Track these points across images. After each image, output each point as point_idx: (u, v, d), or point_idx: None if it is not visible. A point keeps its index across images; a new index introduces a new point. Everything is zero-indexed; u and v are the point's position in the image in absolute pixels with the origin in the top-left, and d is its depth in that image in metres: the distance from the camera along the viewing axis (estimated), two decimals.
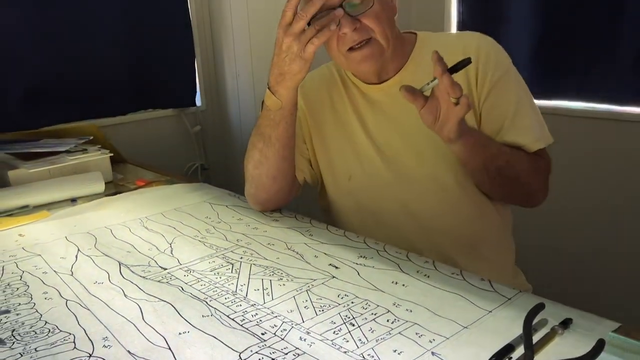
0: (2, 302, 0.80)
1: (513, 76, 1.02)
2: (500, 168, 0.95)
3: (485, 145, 0.93)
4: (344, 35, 0.94)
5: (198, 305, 0.76)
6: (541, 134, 1.01)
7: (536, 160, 1.01)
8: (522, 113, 0.99)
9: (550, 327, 0.65)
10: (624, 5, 1.56)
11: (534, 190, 1.02)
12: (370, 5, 0.94)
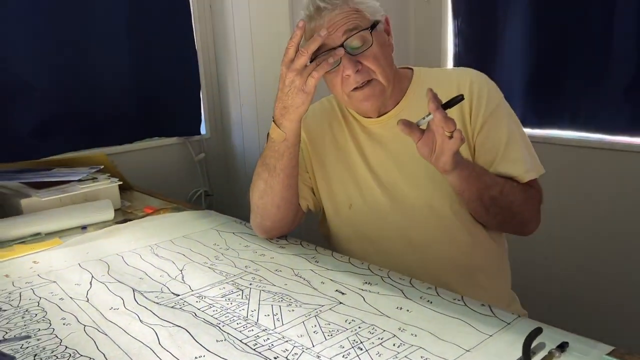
0: (22, 327, 0.83)
1: (504, 110, 1.07)
2: (494, 198, 0.99)
3: (480, 176, 0.98)
4: (348, 77, 1.00)
5: (211, 330, 0.79)
6: (532, 165, 1.06)
7: (528, 190, 1.05)
8: (513, 145, 1.04)
9: (548, 350, 0.69)
10: (613, 38, 1.63)
11: (526, 219, 1.06)
12: (369, 45, 1.00)
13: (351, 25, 0.99)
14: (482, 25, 1.92)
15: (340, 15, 0.99)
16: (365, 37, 1.00)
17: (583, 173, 1.74)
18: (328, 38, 0.98)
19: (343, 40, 0.99)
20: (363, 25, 1.00)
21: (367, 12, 1.02)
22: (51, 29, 1.62)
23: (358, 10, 1.01)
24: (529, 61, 1.82)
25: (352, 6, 1.00)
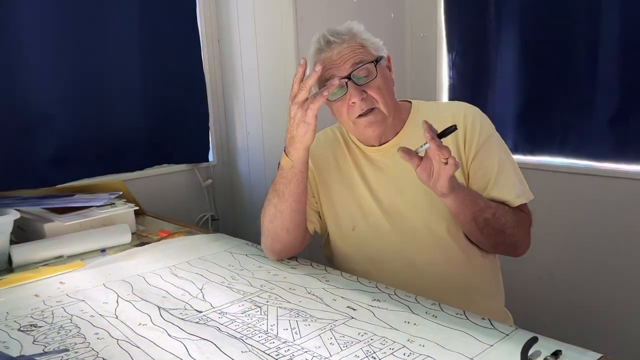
0: (59, 342, 0.89)
1: (496, 141, 1.17)
2: (488, 220, 1.07)
3: (474, 199, 1.06)
4: (354, 104, 1.10)
5: (236, 343, 0.86)
6: (522, 191, 1.15)
7: (519, 214, 1.14)
8: (504, 173, 1.13)
9: (543, 357, 0.77)
10: (598, 74, 1.75)
11: (518, 241, 1.14)
12: (373, 77, 1.11)
13: (357, 58, 1.10)
14: (475, 59, 2.04)
15: (348, 49, 1.10)
16: (370, 69, 1.10)
17: (572, 196, 1.84)
18: (336, 69, 1.09)
19: (350, 72, 1.09)
20: (368, 59, 1.11)
21: (371, 48, 1.13)
22: (69, 63, 1.70)
23: (363, 46, 1.12)
24: (520, 93, 1.93)
25: (358, 41, 1.11)
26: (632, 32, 1.66)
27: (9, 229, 1.25)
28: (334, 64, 1.11)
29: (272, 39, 1.87)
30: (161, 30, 1.88)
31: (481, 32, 2.00)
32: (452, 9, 2.09)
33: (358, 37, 1.12)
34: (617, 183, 1.75)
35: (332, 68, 1.11)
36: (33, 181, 1.59)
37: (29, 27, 1.62)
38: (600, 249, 1.81)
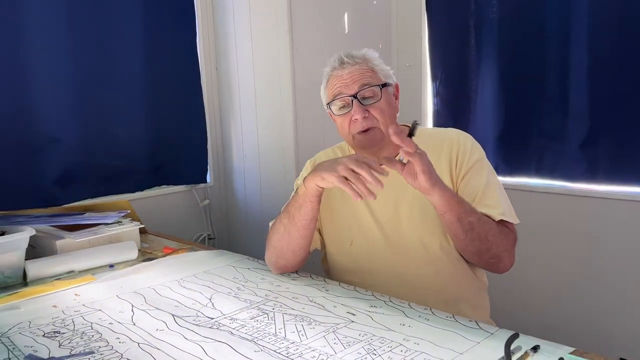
0: (84, 346, 0.97)
1: (485, 164, 1.27)
2: (472, 223, 1.14)
3: (460, 201, 1.14)
4: (356, 120, 1.21)
5: (249, 344, 0.95)
6: (505, 211, 1.22)
7: (502, 227, 1.21)
8: (489, 192, 1.22)
9: (524, 351, 0.87)
10: (569, 103, 1.90)
11: (500, 252, 1.20)
12: (377, 99, 1.22)
13: (365, 80, 1.21)
14: (458, 87, 2.18)
15: (359, 71, 1.22)
16: (375, 91, 1.21)
17: (547, 214, 1.97)
18: (345, 87, 1.21)
19: (357, 91, 1.21)
20: (375, 82, 1.22)
21: (380, 74, 1.24)
22: (75, 90, 1.80)
23: (373, 70, 1.23)
24: (499, 119, 2.07)
25: (370, 66, 1.23)
26: (600, 65, 1.82)
27: (25, 245, 1.32)
28: (344, 82, 1.22)
29: (269, 67, 1.99)
30: (163, 58, 1.99)
31: (463, 62, 2.15)
32: (435, 41, 2.24)
33: (370, 62, 1.24)
34: (589, 202, 1.88)
35: (341, 85, 1.22)
36: (40, 201, 1.66)
37: (37, 55, 1.71)
38: (574, 262, 1.94)
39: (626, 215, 1.82)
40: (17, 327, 1.06)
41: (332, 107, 1.25)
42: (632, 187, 1.82)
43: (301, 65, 1.91)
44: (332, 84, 1.24)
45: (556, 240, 1.97)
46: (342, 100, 1.23)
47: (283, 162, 1.99)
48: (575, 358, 0.85)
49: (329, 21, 2.02)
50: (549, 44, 1.93)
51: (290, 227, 1.23)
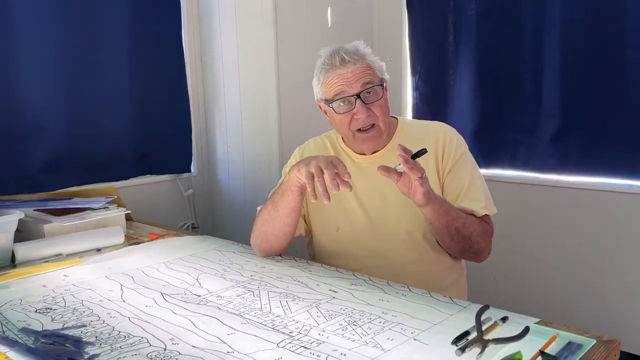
0: (76, 320, 1.00)
1: (469, 158, 1.34)
2: (458, 228, 1.22)
3: (447, 210, 1.21)
4: (358, 118, 1.26)
5: (236, 318, 1.00)
6: (487, 205, 1.31)
7: (484, 224, 1.29)
8: (473, 187, 1.30)
9: (494, 321, 0.94)
10: (542, 99, 1.99)
11: (481, 248, 1.29)
12: (379, 97, 1.27)
13: (367, 79, 1.25)
14: (436, 82, 2.25)
15: (360, 69, 1.25)
16: (377, 90, 1.26)
17: (521, 205, 2.06)
18: (348, 86, 1.24)
19: (360, 90, 1.24)
20: (376, 81, 1.26)
21: (377, 70, 1.28)
22: (61, 79, 1.81)
23: (371, 67, 1.27)
24: (475, 113, 2.15)
25: (368, 63, 1.27)
26: (571, 62, 1.91)
27: (13, 228, 1.34)
28: (346, 80, 1.24)
29: (254, 58, 2.04)
30: (148, 49, 2.02)
31: (441, 58, 2.22)
32: (415, 37, 2.31)
33: (367, 58, 1.27)
34: (560, 192, 1.98)
35: (343, 84, 1.24)
36: (26, 188, 1.68)
37: (24, 43, 1.72)
38: (546, 249, 2.03)
39: (594, 204, 1.92)
40: (9, 304, 1.09)
41: (334, 105, 1.28)
42: (599, 178, 1.92)
43: (286, 57, 1.96)
44: (332, 81, 1.26)
45: (529, 228, 2.06)
46: (345, 99, 1.26)
47: (267, 152, 2.03)
48: (540, 327, 0.92)
49: (313, 14, 2.07)
50: (524, 42, 2.01)
51: (273, 214, 1.28)
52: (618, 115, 1.85)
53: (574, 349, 0.84)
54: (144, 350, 0.87)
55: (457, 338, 0.87)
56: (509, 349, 0.84)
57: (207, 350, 0.87)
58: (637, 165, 1.83)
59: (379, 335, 0.90)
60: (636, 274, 1.87)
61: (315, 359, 0.82)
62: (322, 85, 1.30)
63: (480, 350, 0.83)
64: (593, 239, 1.94)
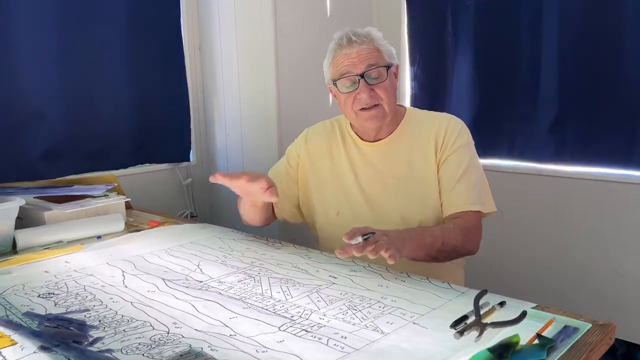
0: (79, 304, 1.01)
1: (469, 151, 1.32)
2: (439, 250, 1.20)
3: (422, 242, 1.16)
4: (361, 98, 1.26)
5: (237, 302, 1.01)
6: (477, 200, 1.27)
7: (465, 225, 1.23)
8: (466, 180, 1.28)
9: (491, 306, 0.95)
10: (539, 88, 2.00)
11: (469, 249, 1.28)
12: (383, 80, 1.27)
13: (372, 60, 1.26)
14: (435, 72, 2.26)
15: (366, 50, 1.26)
16: (381, 72, 1.27)
17: (518, 194, 2.07)
18: (353, 66, 1.25)
19: (364, 71, 1.25)
20: (381, 63, 1.27)
21: (385, 54, 1.29)
22: (60, 67, 1.81)
23: (379, 50, 1.27)
24: (473, 103, 2.16)
25: (376, 45, 1.27)
26: (568, 53, 1.92)
27: (14, 214, 1.35)
28: (351, 60, 1.25)
29: (253, 48, 2.03)
30: (147, 38, 2.01)
31: (440, 48, 2.23)
32: (414, 27, 2.32)
33: (376, 41, 1.28)
34: (557, 182, 1.99)
35: (349, 64, 1.26)
36: (26, 176, 1.68)
37: (23, 32, 1.72)
38: (542, 238, 2.05)
39: (591, 194, 1.94)
40: (12, 289, 1.10)
41: (338, 85, 1.29)
42: (596, 168, 1.94)
43: (285, 46, 1.96)
44: (339, 61, 1.27)
45: (526, 218, 2.08)
46: (349, 79, 1.27)
47: (266, 141, 2.04)
48: (537, 312, 0.93)
49: (312, 4, 2.07)
50: (522, 32, 2.02)
51: (243, 208, 1.40)
52: (615, 105, 1.87)
53: (570, 332, 0.86)
54: (147, 334, 0.88)
55: (456, 322, 0.89)
56: (506, 332, 0.85)
57: (209, 333, 0.88)
58: (633, 155, 1.85)
59: (379, 319, 0.92)
60: (631, 263, 1.90)
61: (317, 341, 0.84)
62: (330, 66, 1.31)
63: (478, 333, 0.84)
64: (590, 228, 1.96)
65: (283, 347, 0.82)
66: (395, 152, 1.35)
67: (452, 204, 1.29)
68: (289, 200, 1.45)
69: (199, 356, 0.79)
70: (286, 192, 1.44)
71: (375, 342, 0.84)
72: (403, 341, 0.84)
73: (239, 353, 0.80)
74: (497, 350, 0.79)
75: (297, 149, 1.48)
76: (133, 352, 0.81)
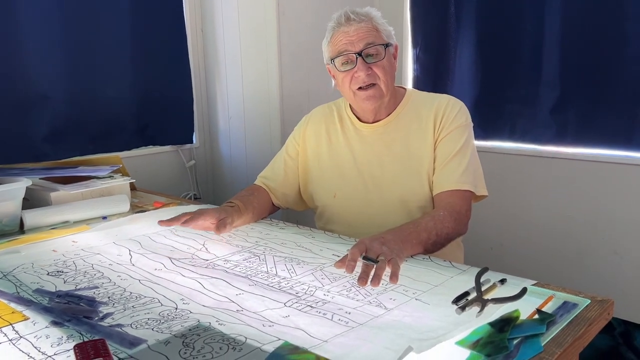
0: (88, 282, 1.04)
1: (466, 132, 1.31)
2: (434, 242, 1.18)
3: (418, 239, 1.13)
4: (358, 77, 1.26)
5: (243, 280, 1.03)
6: (470, 180, 1.26)
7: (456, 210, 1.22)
8: (458, 159, 1.28)
9: (492, 282, 0.97)
10: (542, 71, 2.00)
11: (460, 231, 1.27)
12: (381, 58, 1.27)
13: (370, 39, 1.25)
14: (437, 54, 2.26)
15: (365, 29, 1.25)
16: (379, 50, 1.26)
17: (519, 176, 2.09)
18: (350, 44, 1.25)
19: (362, 49, 1.25)
20: (378, 41, 1.26)
21: (383, 33, 1.28)
22: (64, 49, 1.82)
23: (378, 30, 1.27)
24: (475, 85, 2.16)
25: (374, 24, 1.27)
26: (571, 35, 1.92)
27: (21, 195, 1.36)
28: (349, 39, 1.25)
29: (255, 30, 2.03)
30: (149, 20, 2.02)
31: (442, 30, 2.22)
32: (416, 9, 2.31)
33: (374, 20, 1.27)
34: (558, 163, 2.01)
35: (347, 43, 1.25)
36: (31, 157, 1.70)
37: (27, 13, 1.72)
38: (543, 220, 2.07)
39: (592, 175, 1.96)
40: (21, 267, 1.12)
41: (336, 63, 1.29)
42: (596, 150, 1.95)
43: (287, 28, 1.95)
44: (337, 39, 1.27)
45: (527, 199, 2.10)
46: (346, 57, 1.26)
47: (269, 123, 2.05)
48: (537, 288, 0.95)
49: None
50: (524, 14, 2.02)
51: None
52: (616, 88, 1.87)
53: (569, 307, 0.88)
54: (156, 310, 0.90)
55: (457, 298, 0.90)
56: (507, 307, 0.87)
57: (217, 309, 0.90)
58: (633, 136, 1.86)
59: (382, 296, 0.94)
60: (631, 244, 1.92)
61: (322, 316, 0.86)
62: (329, 45, 1.31)
63: (479, 309, 0.86)
64: (590, 209, 1.98)
65: (289, 321, 0.84)
66: (393, 133, 1.35)
67: (443, 182, 1.28)
68: (291, 189, 1.47)
69: (208, 330, 0.81)
70: (286, 182, 1.46)
71: (378, 317, 0.86)
72: (405, 316, 0.86)
73: (246, 327, 0.82)
74: (498, 325, 0.81)
75: (296, 138, 1.48)
76: (142, 327, 0.84)
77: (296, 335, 0.79)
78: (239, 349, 0.76)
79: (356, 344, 0.77)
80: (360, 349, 0.75)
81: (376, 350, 0.75)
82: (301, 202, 1.51)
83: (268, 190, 1.48)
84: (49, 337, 0.81)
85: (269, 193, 1.48)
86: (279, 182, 1.47)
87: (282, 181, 1.46)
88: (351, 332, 0.80)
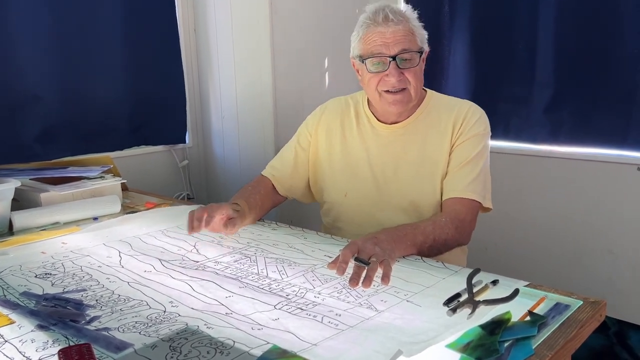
0: (76, 284, 1.02)
1: (482, 142, 1.29)
2: (430, 247, 1.17)
3: (413, 241, 1.12)
4: (389, 80, 1.23)
5: (233, 282, 1.02)
6: (477, 190, 1.25)
7: (460, 218, 1.21)
8: (471, 167, 1.26)
9: (484, 284, 0.96)
10: (535, 71, 2.00)
11: (460, 242, 1.26)
12: (414, 65, 1.24)
13: (406, 45, 1.22)
14: (431, 52, 2.22)
15: (402, 32, 1.21)
16: (414, 57, 1.23)
17: (514, 174, 2.09)
18: (386, 47, 1.21)
19: (397, 53, 1.22)
20: (414, 47, 1.23)
21: (418, 38, 1.25)
22: (56, 48, 1.81)
23: (413, 34, 1.24)
24: (469, 85, 2.16)
25: (410, 27, 1.24)
26: (565, 34, 1.92)
27: (10, 196, 1.35)
28: (385, 41, 1.21)
29: (248, 29, 2.02)
30: (142, 20, 2.00)
31: (436, 29, 2.21)
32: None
33: (411, 22, 1.23)
34: (553, 163, 2.00)
35: (382, 45, 1.22)
36: (22, 157, 1.68)
37: (19, 13, 1.71)
38: (538, 219, 2.07)
39: (586, 174, 1.95)
40: (9, 270, 1.11)
41: (367, 63, 1.25)
42: (591, 149, 1.95)
43: (280, 27, 1.94)
44: (371, 39, 1.23)
45: (521, 199, 2.09)
46: (379, 59, 1.23)
47: (262, 123, 2.04)
48: (529, 289, 0.95)
49: None
50: (519, 13, 2.01)
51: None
52: (610, 87, 1.87)
53: (561, 309, 0.87)
54: (144, 313, 0.89)
55: (449, 299, 0.90)
56: (498, 309, 0.87)
57: (206, 312, 0.89)
58: (628, 136, 1.86)
59: (373, 298, 0.93)
60: (626, 243, 1.92)
61: (312, 319, 0.85)
62: (360, 41, 1.26)
63: (471, 310, 0.85)
64: (584, 209, 1.97)
65: (278, 324, 0.83)
66: (411, 136, 1.33)
67: (451, 188, 1.27)
68: (300, 181, 1.45)
69: (195, 334, 0.80)
70: (295, 174, 1.44)
71: (369, 319, 0.85)
72: (396, 318, 0.85)
73: (235, 331, 0.81)
74: (489, 327, 0.80)
75: (309, 128, 1.45)
76: (130, 331, 0.82)
77: (285, 338, 0.78)
78: (226, 353, 0.74)
79: (346, 347, 0.76)
80: (349, 352, 0.74)
81: (366, 353, 0.74)
82: (309, 194, 1.49)
83: (276, 182, 1.45)
84: (35, 341, 0.80)
85: (276, 184, 1.45)
86: (288, 173, 1.43)
87: (290, 173, 1.44)
88: (341, 335, 0.80)
